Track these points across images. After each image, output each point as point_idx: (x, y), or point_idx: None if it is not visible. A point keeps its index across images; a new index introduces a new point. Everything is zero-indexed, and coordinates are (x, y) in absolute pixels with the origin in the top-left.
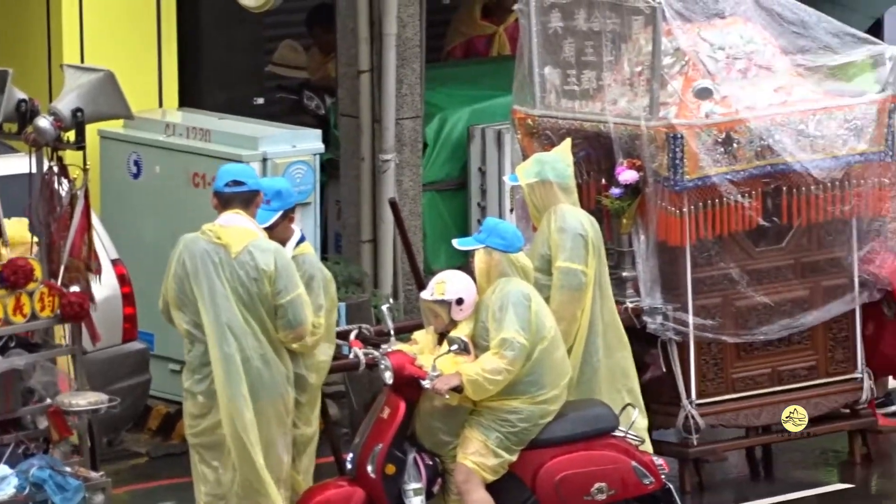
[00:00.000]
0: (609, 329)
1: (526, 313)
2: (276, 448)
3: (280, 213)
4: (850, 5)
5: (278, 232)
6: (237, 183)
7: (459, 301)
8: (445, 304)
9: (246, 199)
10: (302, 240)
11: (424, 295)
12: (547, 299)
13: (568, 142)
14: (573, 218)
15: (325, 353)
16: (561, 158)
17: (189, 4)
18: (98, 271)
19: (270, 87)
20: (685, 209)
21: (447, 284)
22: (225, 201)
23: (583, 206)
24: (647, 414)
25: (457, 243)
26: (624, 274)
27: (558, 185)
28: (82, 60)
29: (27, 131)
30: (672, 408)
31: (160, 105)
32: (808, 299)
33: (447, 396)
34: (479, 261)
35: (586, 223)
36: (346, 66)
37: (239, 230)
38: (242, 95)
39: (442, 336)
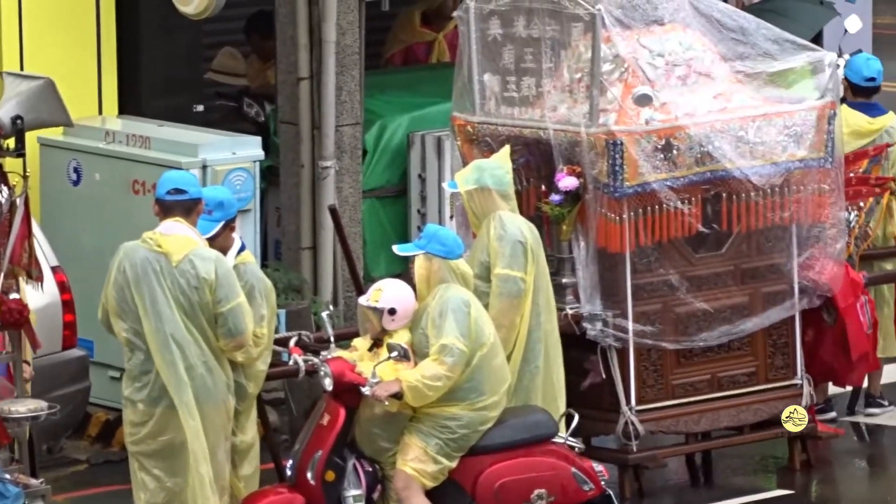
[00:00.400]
0: (550, 336)
1: (465, 320)
2: (217, 455)
3: (221, 224)
4: (792, 17)
5: (219, 242)
6: (179, 191)
7: (392, 311)
8: (378, 311)
9: (187, 207)
10: (242, 248)
11: (361, 299)
12: (486, 306)
13: (507, 149)
14: (512, 225)
15: (263, 363)
16: (500, 165)
17: (128, 12)
18: (39, 279)
19: (210, 95)
20: (625, 216)
21: (383, 292)
22: (166, 209)
23: (523, 213)
24: (587, 421)
25: (397, 249)
26: (564, 280)
27: (497, 192)
28: (22, 68)
29: None
30: (612, 414)
31: (100, 112)
32: (747, 306)
33: (387, 403)
34: (419, 267)
35: (525, 230)
36: (286, 73)
37: (180, 238)
38: (182, 103)
39: (376, 342)
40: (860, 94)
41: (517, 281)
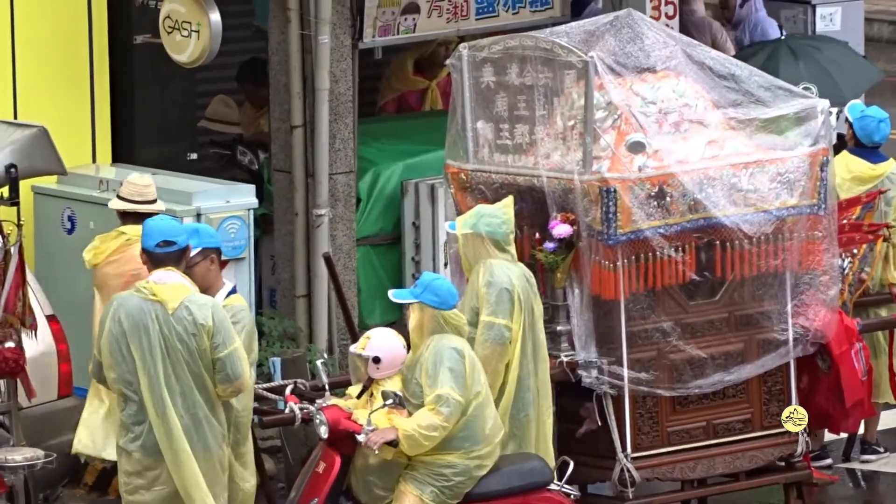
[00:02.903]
0: (542, 385)
1: (460, 369)
2: None
3: (199, 250)
4: (843, 69)
5: (199, 273)
6: (168, 243)
7: (376, 359)
8: (364, 359)
9: (177, 257)
10: (233, 291)
11: (351, 347)
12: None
13: (510, 199)
14: (501, 272)
15: (245, 409)
16: (498, 213)
17: (122, 60)
18: (33, 327)
19: (203, 143)
20: (619, 263)
21: (370, 341)
22: (156, 261)
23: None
24: (582, 468)
25: (392, 295)
26: (558, 328)
27: (490, 240)
28: (15, 116)
29: None
30: (607, 461)
31: (94, 161)
32: (742, 352)
33: (377, 451)
34: (412, 316)
35: (514, 278)
36: (279, 120)
37: (174, 287)
38: (176, 151)
39: (364, 389)
40: (862, 145)
41: (501, 328)
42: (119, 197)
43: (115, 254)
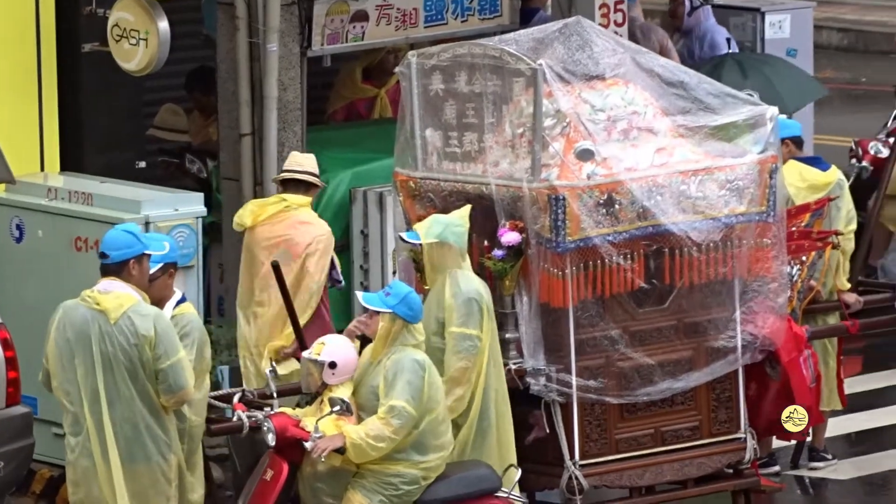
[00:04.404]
0: (499, 392)
1: (419, 383)
2: None
3: (160, 266)
4: (784, 84)
5: (158, 287)
6: (103, 255)
7: (332, 364)
8: (319, 364)
9: (114, 270)
10: (182, 300)
11: (304, 353)
12: (440, 362)
13: (467, 208)
14: (468, 283)
15: (199, 418)
16: (461, 222)
17: (70, 68)
18: None
19: (152, 151)
20: (567, 270)
21: (325, 346)
22: (100, 270)
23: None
24: (531, 475)
25: (362, 298)
26: (507, 335)
27: (457, 249)
28: None
29: None
30: (556, 468)
31: (42, 169)
32: (690, 360)
33: (324, 458)
34: (382, 324)
35: (481, 288)
36: (228, 129)
37: (118, 296)
38: (124, 159)
39: (315, 396)
40: (800, 149)
41: (473, 339)
42: (283, 171)
43: (272, 218)
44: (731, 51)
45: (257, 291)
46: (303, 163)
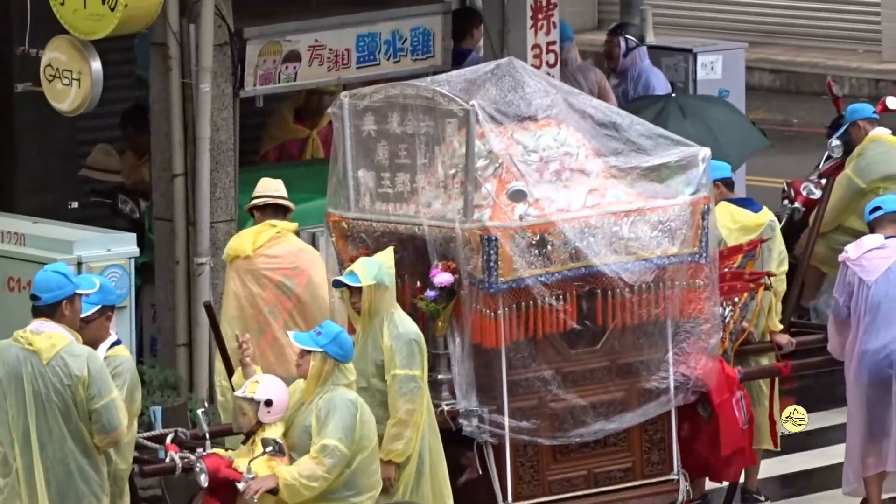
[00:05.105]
0: (432, 431)
1: (351, 421)
2: None
3: (97, 308)
4: (724, 134)
5: (93, 328)
6: (34, 297)
7: (268, 402)
8: (254, 403)
9: (46, 311)
10: (117, 342)
11: (237, 392)
12: (382, 404)
13: (391, 249)
14: (406, 324)
15: (124, 461)
16: (391, 263)
17: (3, 108)
18: None
19: (85, 191)
20: (500, 311)
21: (260, 385)
22: (32, 312)
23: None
24: None
25: (293, 338)
26: (439, 376)
27: (392, 290)
28: None
29: None
30: None
31: None
32: (623, 401)
33: (256, 499)
34: (313, 363)
35: (417, 329)
36: (161, 169)
37: (51, 336)
38: (57, 199)
39: (248, 436)
40: (731, 190)
41: (417, 380)
42: (255, 198)
43: (266, 244)
44: (669, 92)
45: (267, 315)
46: (278, 188)
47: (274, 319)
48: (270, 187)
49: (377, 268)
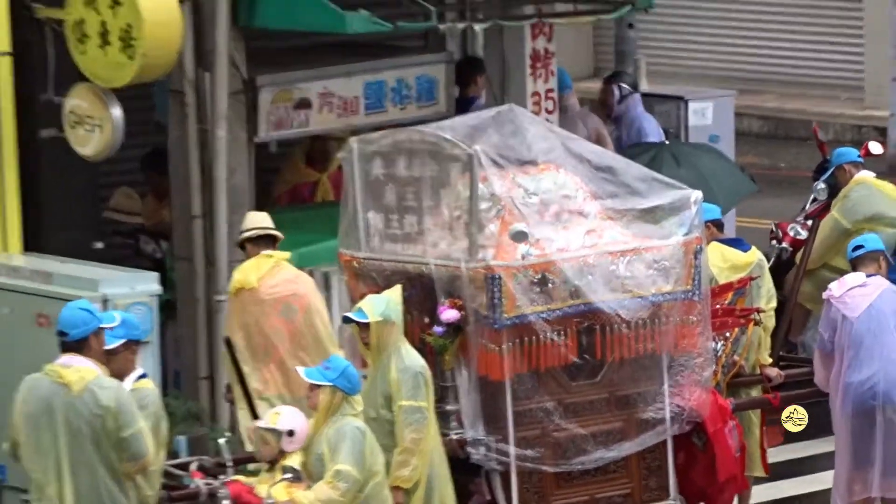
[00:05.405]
0: (439, 457)
1: (361, 448)
2: None
3: (123, 341)
4: (716, 181)
5: (119, 361)
6: (62, 333)
7: (290, 433)
8: (277, 433)
9: (75, 346)
10: (143, 376)
11: (259, 423)
12: (390, 434)
13: (399, 287)
14: (412, 358)
15: (152, 488)
16: (398, 300)
17: (30, 153)
18: None
19: (108, 232)
20: (504, 345)
21: (281, 416)
22: (60, 347)
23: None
24: None
25: (303, 373)
26: (448, 407)
27: (399, 326)
28: None
29: None
30: None
31: (4, 249)
32: (622, 431)
33: None
34: (322, 397)
35: (422, 362)
36: (180, 211)
37: (79, 370)
38: (82, 240)
39: (271, 464)
40: (721, 231)
41: (422, 411)
42: (246, 231)
43: (269, 275)
44: (661, 138)
45: (273, 340)
46: (264, 219)
47: (280, 343)
48: (258, 220)
49: (384, 304)
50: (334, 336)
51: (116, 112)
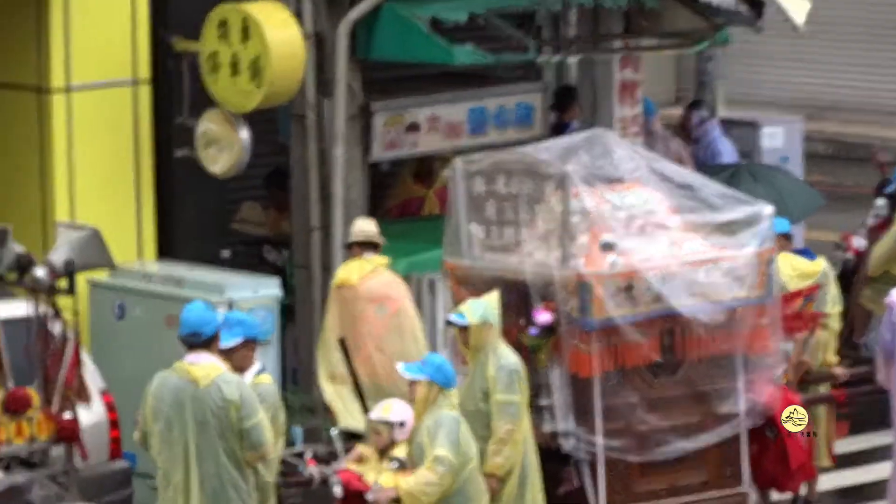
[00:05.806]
0: (530, 447)
1: (456, 435)
2: None
3: (241, 339)
4: (787, 195)
5: (237, 358)
6: (195, 335)
7: (402, 423)
8: (389, 424)
9: (205, 343)
10: (262, 371)
11: (372, 415)
12: (487, 425)
13: (496, 293)
14: (508, 357)
15: (270, 475)
16: (496, 304)
17: (164, 170)
18: (86, 400)
19: (234, 242)
20: (593, 345)
21: (392, 408)
22: (189, 346)
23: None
24: None
25: (403, 370)
26: (542, 402)
27: (496, 327)
28: (73, 219)
29: (25, 280)
30: None
31: (139, 257)
32: (700, 424)
33: None
34: (420, 390)
35: (517, 360)
36: (300, 223)
37: (206, 367)
38: (211, 249)
39: (382, 453)
40: (790, 242)
41: (516, 405)
42: (354, 235)
43: (368, 276)
44: (736, 160)
45: (364, 335)
46: (372, 227)
47: (370, 338)
48: (365, 226)
49: (483, 308)
50: (420, 337)
51: (244, 134)
